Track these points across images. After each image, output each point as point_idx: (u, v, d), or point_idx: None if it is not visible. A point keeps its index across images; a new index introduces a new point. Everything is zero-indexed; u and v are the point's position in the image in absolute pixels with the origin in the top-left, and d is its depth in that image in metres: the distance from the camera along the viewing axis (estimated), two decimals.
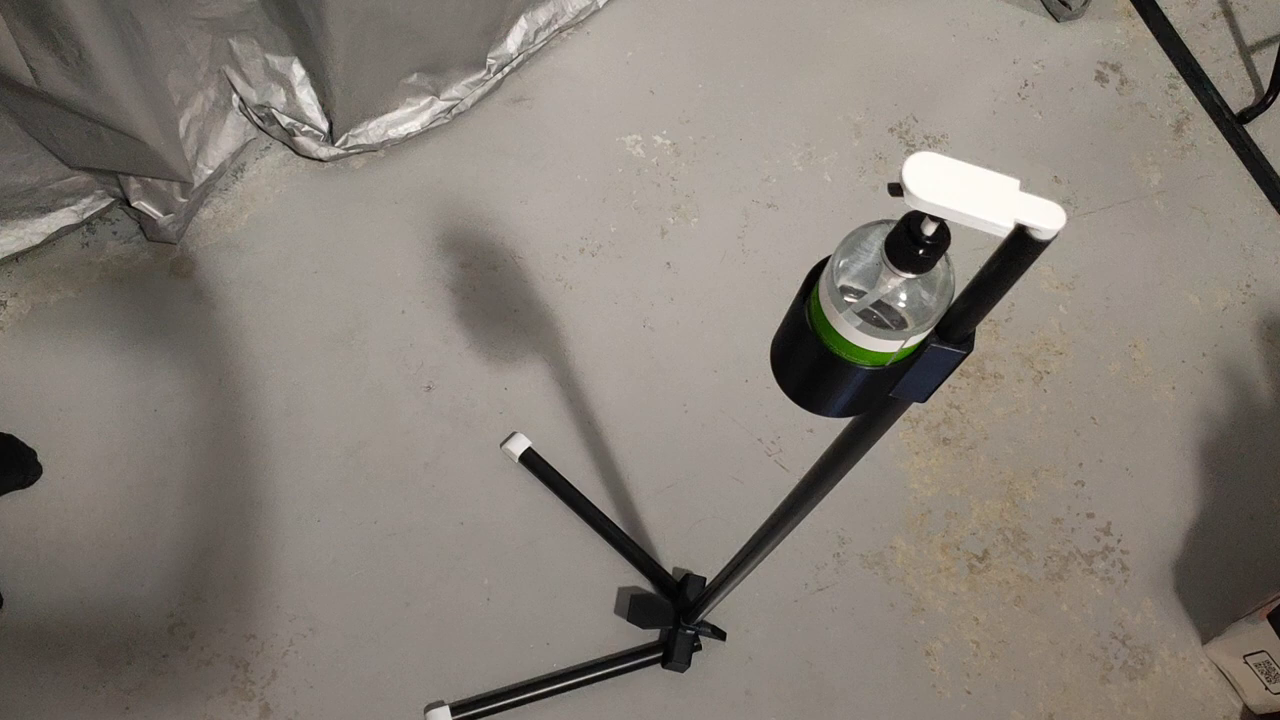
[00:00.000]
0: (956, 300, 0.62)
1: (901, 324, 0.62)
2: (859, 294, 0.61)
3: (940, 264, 0.60)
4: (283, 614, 1.49)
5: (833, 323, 0.62)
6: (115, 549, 1.50)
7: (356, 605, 1.50)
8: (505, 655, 1.49)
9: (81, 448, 1.54)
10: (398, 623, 1.49)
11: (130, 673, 1.44)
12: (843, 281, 0.61)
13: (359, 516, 1.54)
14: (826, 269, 0.63)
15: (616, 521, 1.57)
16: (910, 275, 0.59)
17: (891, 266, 0.58)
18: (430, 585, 1.52)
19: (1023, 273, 0.58)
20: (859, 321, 0.61)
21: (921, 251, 0.57)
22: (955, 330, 0.64)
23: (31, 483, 1.51)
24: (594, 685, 1.47)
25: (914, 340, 0.63)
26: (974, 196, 0.54)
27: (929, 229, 0.57)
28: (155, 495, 1.52)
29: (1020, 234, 0.55)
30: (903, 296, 0.61)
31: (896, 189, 0.56)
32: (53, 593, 1.48)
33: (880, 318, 0.61)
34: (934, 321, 0.63)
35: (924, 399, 0.71)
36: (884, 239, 0.59)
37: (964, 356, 0.65)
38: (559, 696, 1.46)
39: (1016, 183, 0.54)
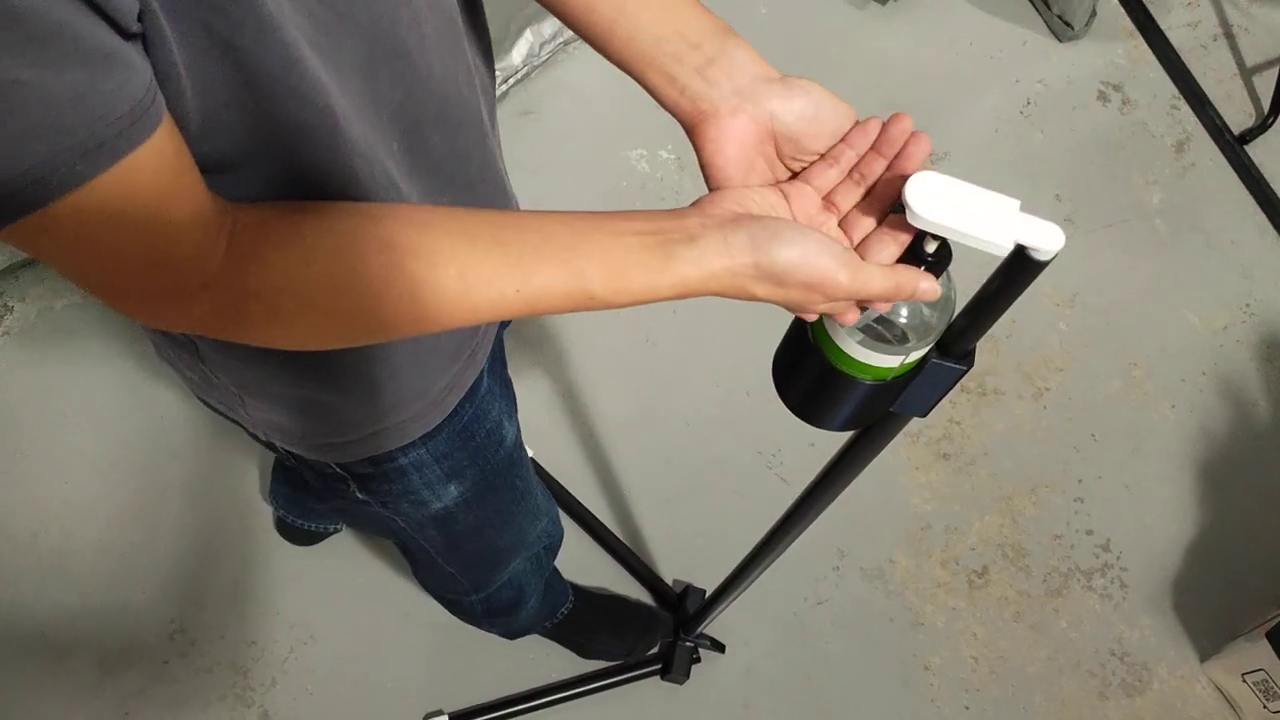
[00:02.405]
0: (957, 317, 0.63)
1: (903, 339, 0.62)
2: (861, 309, 0.62)
3: (941, 281, 0.60)
4: (283, 621, 1.49)
5: (835, 337, 0.63)
6: (117, 555, 1.50)
7: (356, 613, 1.50)
8: (504, 665, 1.49)
9: (85, 453, 1.55)
10: (397, 631, 1.50)
11: (130, 678, 1.44)
12: None
13: None
14: None
15: (617, 533, 1.57)
16: None
17: None
18: None
19: (1022, 292, 0.59)
20: (861, 336, 0.62)
21: (923, 268, 0.58)
22: (956, 346, 0.65)
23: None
24: (592, 696, 1.47)
25: (915, 355, 0.64)
26: (975, 216, 0.55)
27: (930, 247, 0.58)
28: (157, 501, 1.53)
29: (1020, 254, 0.55)
30: (904, 312, 0.62)
31: (899, 208, 0.57)
32: (54, 598, 1.48)
33: (882, 333, 0.62)
34: (935, 337, 0.63)
35: (924, 413, 0.71)
36: None
37: (964, 372, 0.66)
38: (557, 707, 1.46)
39: (1017, 203, 0.55)
